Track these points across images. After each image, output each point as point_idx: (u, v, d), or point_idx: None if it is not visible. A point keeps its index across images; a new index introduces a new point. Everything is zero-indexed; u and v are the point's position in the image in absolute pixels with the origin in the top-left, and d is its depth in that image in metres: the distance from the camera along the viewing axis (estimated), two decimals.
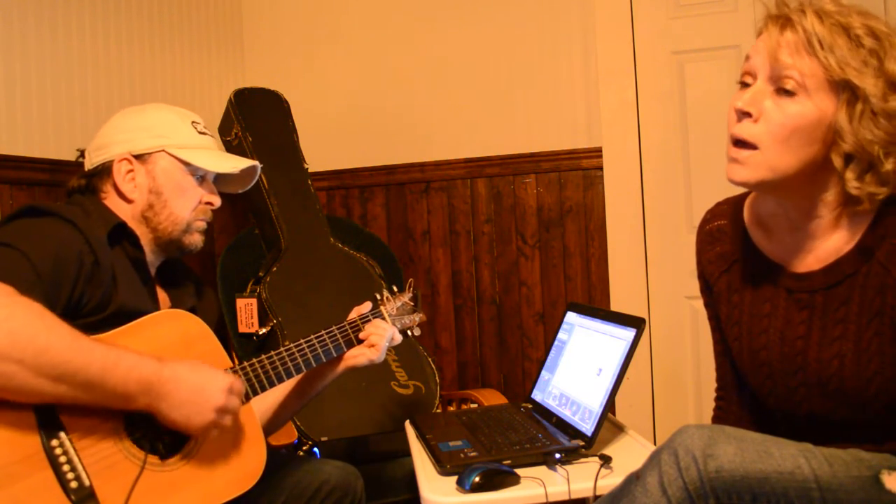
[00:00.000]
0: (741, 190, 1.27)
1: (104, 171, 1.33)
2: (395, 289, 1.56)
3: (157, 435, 1.16)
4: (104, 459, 1.09)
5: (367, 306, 1.50)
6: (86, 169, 1.36)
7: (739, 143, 1.05)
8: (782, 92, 1.02)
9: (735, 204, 1.25)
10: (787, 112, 1.01)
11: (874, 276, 1.05)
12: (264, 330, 2.06)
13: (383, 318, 1.48)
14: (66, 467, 1.05)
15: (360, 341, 1.44)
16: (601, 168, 2.52)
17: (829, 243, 1.10)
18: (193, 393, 1.12)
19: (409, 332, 1.54)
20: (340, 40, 2.79)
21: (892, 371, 1.04)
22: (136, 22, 2.29)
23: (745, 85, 1.07)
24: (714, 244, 1.25)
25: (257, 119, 2.31)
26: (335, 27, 2.79)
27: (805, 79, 1.00)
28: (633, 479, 1.00)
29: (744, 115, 1.04)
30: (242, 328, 2.11)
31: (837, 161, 1.01)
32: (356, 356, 1.44)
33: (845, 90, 0.99)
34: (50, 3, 1.97)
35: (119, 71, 2.21)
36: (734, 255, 1.22)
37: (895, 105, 0.98)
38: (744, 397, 1.28)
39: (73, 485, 1.05)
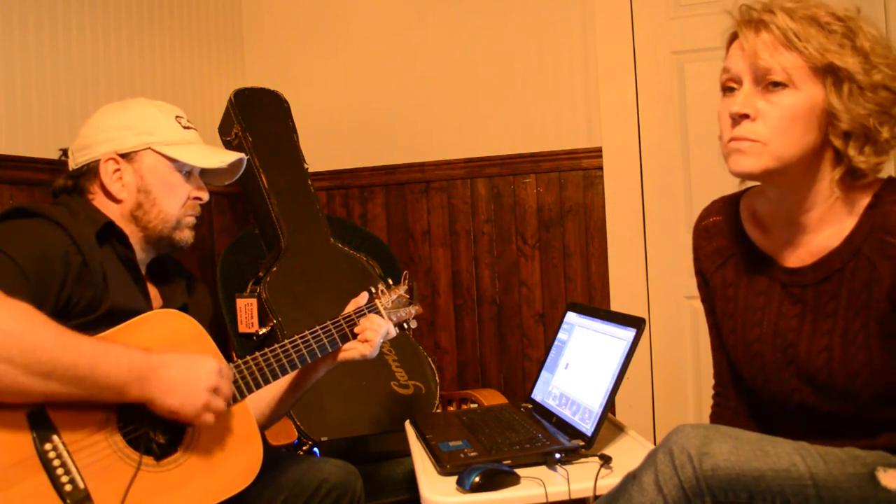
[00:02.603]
0: (740, 189, 1.28)
1: (90, 171, 1.32)
2: (390, 282, 1.55)
3: (152, 435, 1.16)
4: (99, 461, 1.09)
5: (363, 297, 1.49)
6: (70, 169, 1.35)
7: (740, 139, 1.08)
8: (771, 88, 1.05)
9: (730, 201, 1.28)
10: (782, 104, 1.05)
11: (861, 271, 1.07)
12: (264, 330, 2.06)
13: (378, 312, 1.47)
14: (60, 470, 1.05)
15: (355, 335, 1.43)
16: (601, 168, 2.52)
17: (821, 238, 1.12)
18: (184, 376, 1.12)
19: (405, 325, 1.54)
20: (340, 40, 2.79)
21: (879, 364, 1.06)
22: (136, 22, 2.30)
23: (729, 90, 1.10)
24: (710, 240, 1.28)
25: (257, 119, 2.31)
26: (335, 27, 2.79)
27: (789, 71, 1.04)
28: (630, 478, 1.01)
29: (742, 117, 1.07)
30: (242, 328, 2.11)
31: (838, 142, 1.06)
32: (348, 350, 1.43)
33: (829, 74, 1.04)
34: (50, 3, 1.97)
35: (119, 71, 2.21)
36: (729, 250, 1.24)
37: (877, 77, 1.03)
38: (740, 392, 1.29)
39: (68, 488, 1.04)
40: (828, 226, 1.11)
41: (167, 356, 1.13)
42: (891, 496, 0.97)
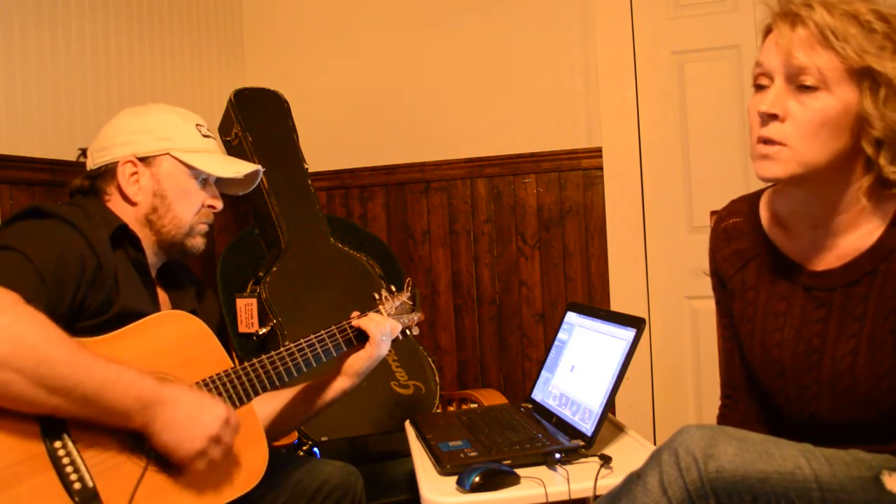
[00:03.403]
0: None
1: (107, 172, 1.33)
2: (393, 288, 1.56)
3: None
4: (107, 460, 1.09)
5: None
6: (88, 169, 1.36)
7: (767, 141, 1.04)
8: (803, 89, 1.01)
9: (751, 201, 1.24)
10: (813, 108, 1.00)
11: (892, 275, 1.05)
12: (264, 330, 2.06)
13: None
14: (69, 468, 1.05)
15: (359, 342, 1.44)
16: (601, 168, 2.53)
17: (850, 241, 1.09)
18: (189, 417, 1.10)
19: (407, 332, 1.54)
20: (340, 40, 2.79)
21: None
22: (136, 22, 2.30)
23: (760, 87, 1.06)
24: (730, 241, 1.24)
25: (257, 119, 2.31)
26: (335, 27, 2.79)
27: (824, 73, 0.99)
28: (634, 478, 1.00)
29: (770, 117, 1.03)
30: (242, 328, 2.11)
31: (869, 149, 1.01)
32: (355, 361, 1.42)
33: (866, 77, 0.98)
34: (50, 4, 1.97)
35: (119, 71, 2.21)
36: (751, 252, 1.21)
37: None
38: (752, 397, 1.27)
39: (77, 486, 1.04)
40: (857, 229, 1.08)
41: (179, 391, 1.12)
42: (895, 500, 0.96)
